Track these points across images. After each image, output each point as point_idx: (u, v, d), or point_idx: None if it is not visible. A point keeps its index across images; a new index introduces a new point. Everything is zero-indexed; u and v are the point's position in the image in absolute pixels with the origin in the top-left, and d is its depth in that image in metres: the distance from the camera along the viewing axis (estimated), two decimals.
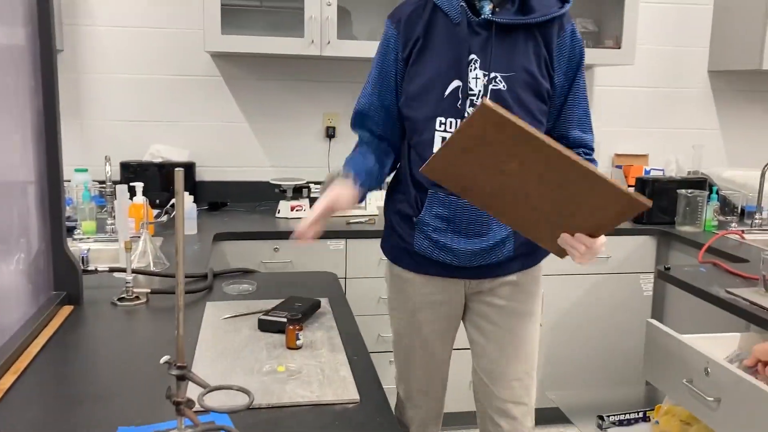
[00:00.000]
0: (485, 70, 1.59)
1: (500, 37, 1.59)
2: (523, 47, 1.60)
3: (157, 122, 3.17)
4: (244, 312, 1.63)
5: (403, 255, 1.78)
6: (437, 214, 1.67)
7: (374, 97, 1.75)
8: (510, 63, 1.59)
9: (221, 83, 3.19)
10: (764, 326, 1.80)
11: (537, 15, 1.59)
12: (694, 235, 2.82)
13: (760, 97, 3.63)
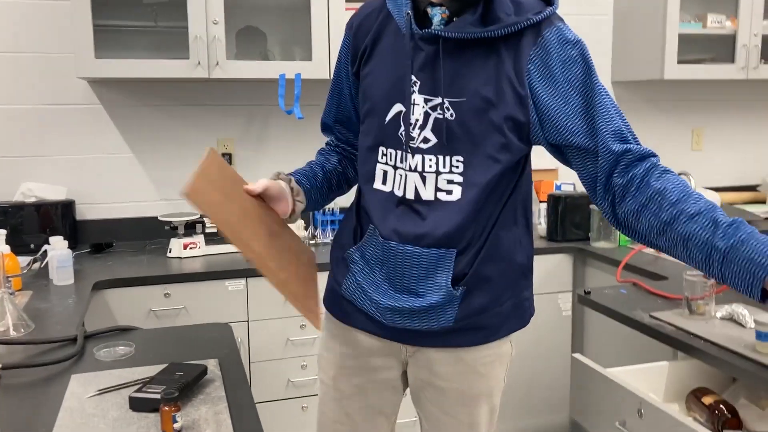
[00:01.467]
0: (426, 94, 1.29)
1: (451, 54, 1.27)
2: (480, 66, 1.26)
3: (29, 157, 2.83)
4: (114, 385, 1.38)
5: (335, 300, 1.48)
6: (369, 255, 1.38)
7: (332, 108, 1.53)
8: (461, 86, 1.27)
9: (101, 111, 2.89)
10: (691, 353, 1.70)
11: (498, 26, 1.24)
12: (609, 251, 2.75)
13: (665, 105, 3.65)
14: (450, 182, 1.29)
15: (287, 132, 3.10)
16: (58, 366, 1.52)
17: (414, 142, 1.31)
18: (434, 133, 1.29)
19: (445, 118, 1.28)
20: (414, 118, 1.30)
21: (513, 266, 1.38)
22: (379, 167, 1.36)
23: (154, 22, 2.80)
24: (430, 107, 1.29)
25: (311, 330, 2.59)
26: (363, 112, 1.40)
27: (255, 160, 3.07)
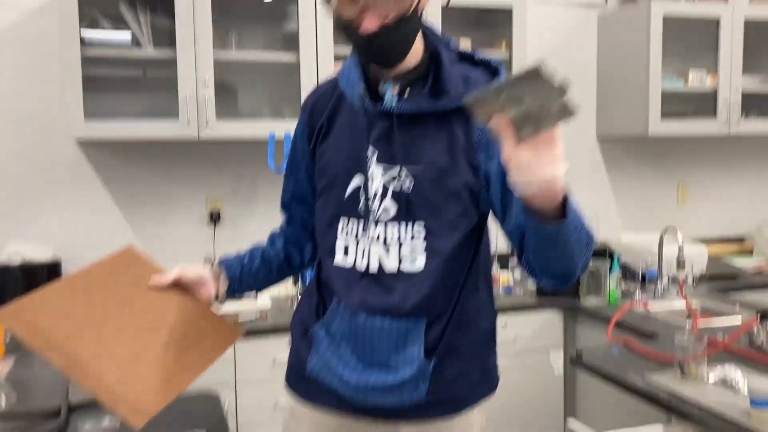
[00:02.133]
0: (384, 163, 1.31)
1: (405, 125, 1.30)
2: (434, 136, 1.30)
3: (16, 218, 2.81)
4: None
5: (298, 378, 1.43)
6: (335, 330, 1.34)
7: (289, 186, 1.52)
8: (417, 155, 1.30)
9: (89, 170, 2.89)
10: (686, 418, 1.68)
11: (447, 101, 1.28)
12: (599, 308, 2.74)
13: (648, 160, 3.69)
14: (413, 251, 1.30)
15: (276, 190, 3.08)
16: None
17: (375, 213, 1.31)
18: (395, 202, 1.30)
19: (404, 186, 1.30)
20: (373, 189, 1.31)
21: (480, 333, 1.38)
22: (340, 241, 1.36)
23: (143, 77, 2.82)
24: (389, 177, 1.31)
25: None
26: (320, 187, 1.41)
27: (243, 218, 3.07)
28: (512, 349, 2.81)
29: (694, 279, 3.07)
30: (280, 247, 1.55)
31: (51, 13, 2.74)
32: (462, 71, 1.32)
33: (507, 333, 2.79)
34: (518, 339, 2.82)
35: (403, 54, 1.28)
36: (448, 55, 1.32)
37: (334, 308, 1.35)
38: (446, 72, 1.30)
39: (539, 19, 3.41)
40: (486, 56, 1.36)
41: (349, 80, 1.36)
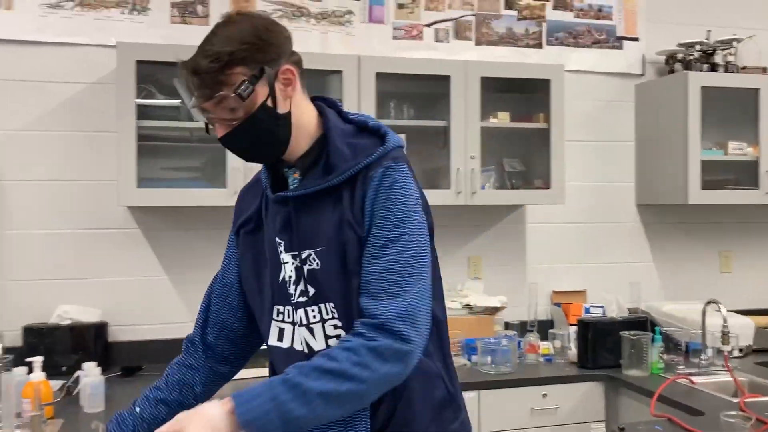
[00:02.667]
0: (292, 251, 1.33)
1: (305, 208, 1.33)
2: (330, 214, 1.31)
3: (67, 280, 2.92)
4: None
5: None
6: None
7: (217, 276, 1.52)
8: (317, 236, 1.31)
9: (138, 235, 2.99)
10: None
11: (337, 175, 1.30)
12: (641, 380, 2.70)
13: (689, 228, 3.67)
14: (336, 327, 1.31)
15: None
16: None
17: (293, 298, 1.34)
18: (308, 285, 1.32)
19: (313, 268, 1.31)
20: (287, 275, 1.34)
21: (433, 402, 1.36)
22: (274, 325, 1.38)
23: (193, 149, 2.95)
24: (300, 261, 1.33)
25: None
26: (245, 275, 1.43)
27: None
28: (553, 420, 2.77)
29: (740, 351, 3.00)
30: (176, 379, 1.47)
31: (109, 86, 2.90)
32: (352, 141, 1.34)
33: (547, 403, 2.75)
34: (559, 411, 2.78)
35: (271, 151, 1.33)
36: (338, 130, 1.35)
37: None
38: (334, 148, 1.33)
39: (577, 89, 3.48)
40: (376, 123, 1.38)
41: (264, 171, 1.42)
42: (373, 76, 2.88)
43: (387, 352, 1.20)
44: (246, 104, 1.27)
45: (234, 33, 1.28)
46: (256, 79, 1.27)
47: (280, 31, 1.34)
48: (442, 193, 3.00)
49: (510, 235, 3.43)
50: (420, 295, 1.25)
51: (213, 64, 1.25)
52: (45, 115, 2.91)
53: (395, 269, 1.25)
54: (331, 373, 1.18)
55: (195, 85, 1.27)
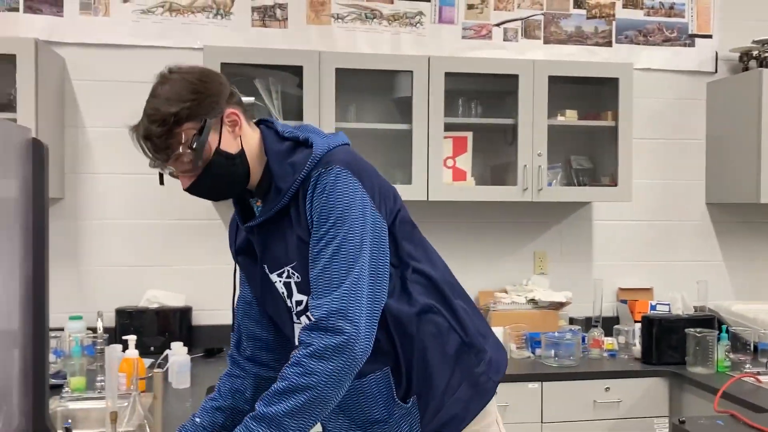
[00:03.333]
0: (275, 271, 1.47)
1: (270, 233, 1.46)
2: (291, 232, 1.43)
3: (154, 266, 3.15)
4: None
5: None
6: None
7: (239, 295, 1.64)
8: (287, 253, 1.44)
9: (220, 226, 3.19)
10: None
11: (280, 197, 1.42)
12: (706, 377, 2.71)
13: (761, 227, 3.62)
14: None
15: None
16: None
17: (294, 310, 1.48)
18: (301, 294, 1.45)
19: (297, 281, 1.45)
20: (281, 291, 1.48)
21: (448, 358, 1.47)
22: (296, 326, 1.50)
23: None
24: (285, 278, 1.46)
25: None
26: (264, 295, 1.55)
27: None
28: (615, 413, 2.81)
29: None
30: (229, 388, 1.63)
31: None
32: (290, 160, 1.43)
33: (610, 397, 2.80)
34: (622, 405, 2.82)
35: (233, 188, 1.46)
36: (276, 153, 1.44)
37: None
38: (275, 171, 1.43)
39: (647, 87, 3.48)
40: (305, 134, 1.46)
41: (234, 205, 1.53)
42: (442, 75, 2.98)
43: (324, 351, 1.30)
44: (202, 155, 1.38)
45: (172, 93, 1.39)
46: (204, 130, 1.38)
47: (213, 80, 1.44)
48: (509, 190, 3.07)
49: (576, 232, 3.48)
50: (352, 288, 1.33)
51: (160, 128, 1.37)
52: (137, 113, 3.11)
53: (330, 269, 1.34)
54: (285, 392, 1.31)
55: (150, 149, 1.40)
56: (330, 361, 1.30)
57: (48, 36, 3.03)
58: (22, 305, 1.52)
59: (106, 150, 3.11)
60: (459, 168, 3.11)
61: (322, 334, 1.31)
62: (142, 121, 1.40)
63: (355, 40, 3.24)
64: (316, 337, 1.31)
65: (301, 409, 1.30)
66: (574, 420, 2.79)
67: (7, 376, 1.45)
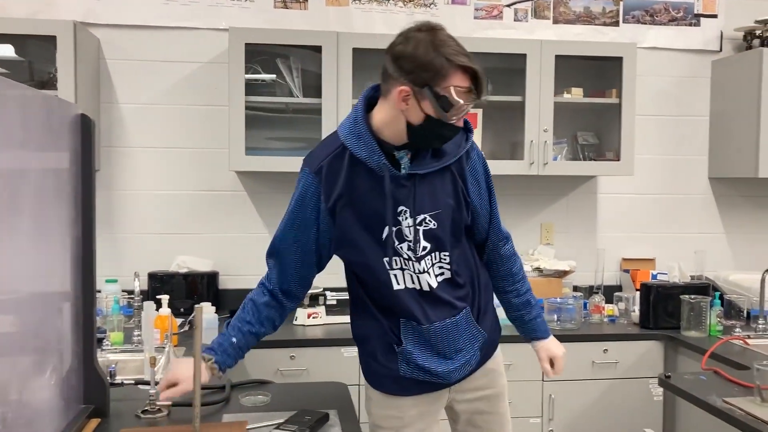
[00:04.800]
0: (414, 215, 1.75)
1: (422, 182, 1.74)
2: (441, 185, 1.77)
3: (184, 234, 3.37)
4: (257, 425, 1.74)
5: (388, 381, 1.87)
6: (416, 341, 1.81)
7: (289, 239, 1.81)
8: (435, 202, 1.76)
9: (245, 197, 3.41)
10: None
11: (450, 157, 1.76)
12: (699, 340, 2.89)
13: (762, 202, 3.76)
14: (441, 268, 1.82)
15: None
16: (211, 407, 1.91)
17: (417, 252, 1.77)
18: (427, 241, 1.78)
19: (431, 228, 1.77)
20: (411, 236, 1.76)
21: (489, 291, 1.98)
22: (392, 273, 1.79)
23: (293, 120, 3.32)
24: (417, 223, 1.75)
25: None
26: (348, 238, 1.77)
27: None
28: (613, 373, 3.01)
29: None
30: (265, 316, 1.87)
31: (221, 66, 3.30)
32: None
33: (608, 358, 2.99)
34: (619, 365, 3.01)
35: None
36: None
37: (406, 325, 1.81)
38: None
39: (653, 65, 3.62)
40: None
41: (366, 149, 1.69)
42: None
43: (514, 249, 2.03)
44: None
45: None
46: None
47: None
48: (517, 164, 3.25)
49: (582, 205, 3.64)
50: None
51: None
52: (166, 90, 3.35)
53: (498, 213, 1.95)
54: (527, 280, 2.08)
55: (483, 86, 1.65)
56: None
57: (84, 18, 3.24)
58: (72, 263, 1.74)
59: (138, 125, 3.33)
60: None
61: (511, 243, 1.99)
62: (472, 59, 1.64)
63: (372, 21, 3.41)
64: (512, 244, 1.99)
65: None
66: (574, 379, 2.99)
67: (62, 324, 1.68)
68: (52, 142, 1.61)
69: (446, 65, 1.58)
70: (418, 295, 1.80)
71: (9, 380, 1.34)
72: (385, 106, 1.69)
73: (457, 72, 1.59)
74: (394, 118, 1.67)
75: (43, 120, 1.54)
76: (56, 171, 1.64)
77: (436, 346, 1.82)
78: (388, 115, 1.68)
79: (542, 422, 2.99)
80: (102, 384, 1.81)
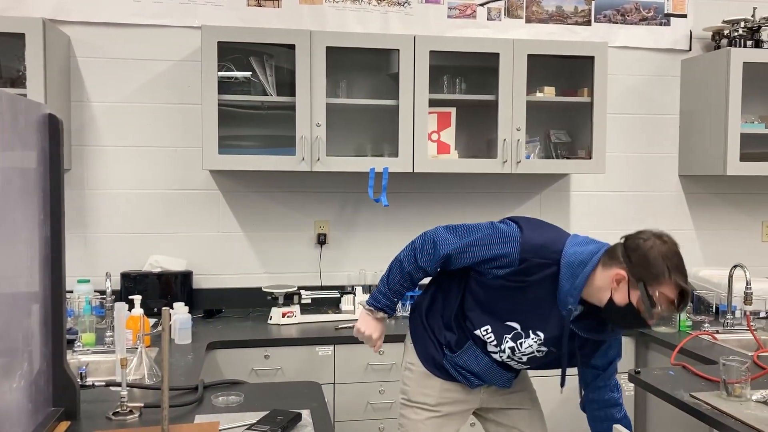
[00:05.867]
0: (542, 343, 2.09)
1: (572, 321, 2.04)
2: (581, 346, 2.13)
3: (157, 234, 3.35)
4: (230, 426, 1.74)
5: (434, 363, 2.15)
6: (466, 364, 2.10)
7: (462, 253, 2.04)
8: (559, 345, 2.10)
9: (218, 196, 3.39)
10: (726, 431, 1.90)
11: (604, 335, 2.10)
12: (669, 336, 2.93)
13: (730, 198, 3.83)
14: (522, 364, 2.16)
15: (375, 216, 3.50)
16: (184, 408, 1.91)
17: (520, 355, 2.09)
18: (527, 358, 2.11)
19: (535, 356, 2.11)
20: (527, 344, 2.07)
21: None
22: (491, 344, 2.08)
23: (266, 118, 3.31)
24: (536, 345, 2.07)
25: (390, 395, 2.89)
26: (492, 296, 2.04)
27: (347, 239, 3.49)
28: None
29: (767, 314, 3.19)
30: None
31: (194, 64, 3.28)
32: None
33: None
34: None
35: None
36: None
37: (470, 348, 2.09)
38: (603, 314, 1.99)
39: (624, 64, 3.66)
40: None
41: (569, 285, 1.95)
42: (427, 53, 3.15)
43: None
44: None
45: None
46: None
47: None
48: (490, 162, 3.27)
49: (555, 203, 3.68)
50: None
51: None
52: (139, 89, 3.32)
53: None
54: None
55: (686, 305, 1.92)
56: None
57: (53, 15, 3.20)
58: (41, 264, 1.72)
59: (110, 124, 3.30)
60: (443, 141, 3.30)
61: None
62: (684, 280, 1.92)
63: (346, 20, 3.41)
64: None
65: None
66: (548, 375, 3.01)
67: (30, 326, 1.66)
68: (19, 142, 1.59)
69: (666, 275, 1.86)
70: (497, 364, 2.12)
71: None
72: (602, 274, 1.94)
73: (671, 284, 1.87)
74: (604, 289, 1.94)
75: (10, 120, 1.52)
76: (23, 171, 1.62)
77: (484, 377, 2.13)
78: (602, 283, 1.94)
79: None
80: (72, 386, 1.79)
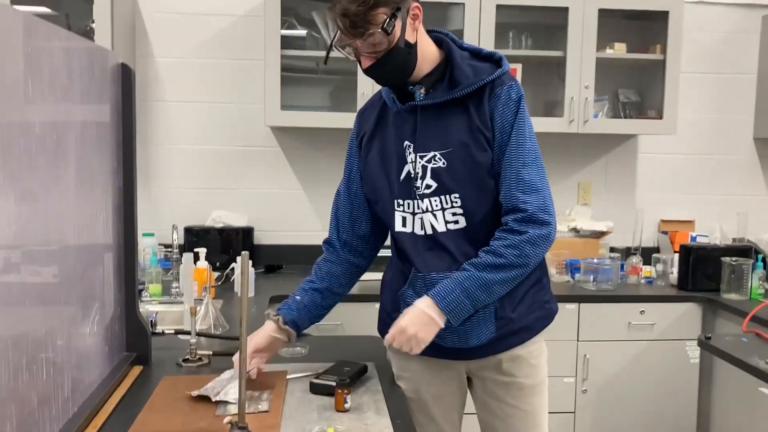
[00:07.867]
0: (420, 152, 1.65)
1: (432, 117, 1.64)
2: (458, 121, 1.62)
3: (219, 189, 3.39)
4: (298, 375, 1.76)
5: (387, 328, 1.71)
6: (417, 291, 1.67)
7: (341, 187, 1.85)
8: (445, 140, 1.63)
9: (279, 153, 3.40)
10: None
11: (461, 88, 1.61)
12: (739, 303, 2.84)
13: None
14: (454, 214, 1.65)
15: None
16: None
17: (419, 190, 1.66)
18: (433, 180, 1.65)
19: (439, 166, 1.63)
20: (414, 172, 1.66)
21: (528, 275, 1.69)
22: (398, 215, 1.71)
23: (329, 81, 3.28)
24: (426, 161, 1.64)
25: None
26: (368, 177, 1.74)
27: None
28: (649, 335, 2.98)
29: None
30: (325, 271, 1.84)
31: (257, 19, 3.26)
32: (471, 63, 1.64)
33: (645, 319, 2.96)
34: (656, 327, 2.98)
35: (404, 74, 1.62)
36: (459, 54, 1.65)
37: (416, 275, 1.69)
38: (458, 68, 1.62)
39: (700, 20, 3.49)
40: (491, 51, 1.69)
41: (386, 91, 1.71)
42: (493, 7, 3.06)
43: (537, 239, 1.59)
44: (388, 38, 1.56)
45: None
46: (395, 16, 1.55)
47: None
48: (556, 121, 3.18)
49: (621, 164, 3.57)
50: (548, 190, 1.64)
51: (360, 7, 1.52)
52: (202, 44, 3.33)
53: (530, 172, 1.61)
54: (501, 266, 1.59)
55: (345, 25, 1.54)
56: (540, 248, 1.60)
57: None
58: (114, 213, 1.75)
59: (174, 79, 3.33)
60: None
61: (534, 226, 1.59)
62: (341, 0, 1.53)
63: None
64: (531, 227, 1.59)
65: (509, 280, 1.61)
66: (609, 339, 2.97)
67: (105, 273, 1.70)
68: (94, 91, 1.60)
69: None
70: (421, 240, 1.68)
71: (56, 327, 1.36)
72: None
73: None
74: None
75: (87, 69, 1.53)
76: (98, 117, 1.64)
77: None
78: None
79: (576, 381, 2.98)
80: (144, 332, 1.83)
